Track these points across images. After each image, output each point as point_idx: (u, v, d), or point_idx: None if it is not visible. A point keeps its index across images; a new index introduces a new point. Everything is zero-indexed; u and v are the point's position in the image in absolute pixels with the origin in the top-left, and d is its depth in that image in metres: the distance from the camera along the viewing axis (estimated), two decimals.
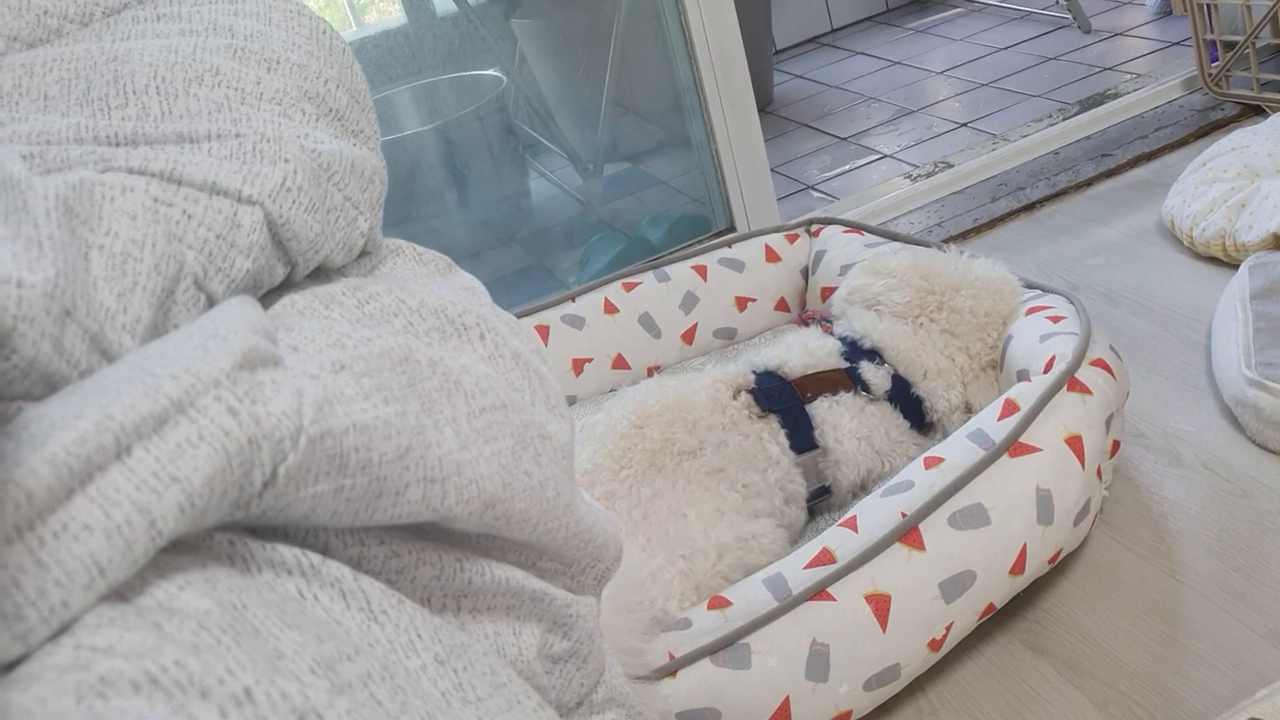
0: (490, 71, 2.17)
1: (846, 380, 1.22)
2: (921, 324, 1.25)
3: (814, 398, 1.20)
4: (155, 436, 0.36)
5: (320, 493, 0.42)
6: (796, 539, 1.19)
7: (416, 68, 2.11)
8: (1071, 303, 1.25)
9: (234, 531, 0.41)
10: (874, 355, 1.25)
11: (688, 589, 1.06)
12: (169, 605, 0.35)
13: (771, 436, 1.17)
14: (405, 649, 0.43)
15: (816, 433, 1.19)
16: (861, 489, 1.22)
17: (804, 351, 1.23)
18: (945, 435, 1.20)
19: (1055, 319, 1.21)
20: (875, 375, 1.23)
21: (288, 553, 0.42)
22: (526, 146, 2.28)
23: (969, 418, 1.20)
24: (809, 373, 1.22)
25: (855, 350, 1.25)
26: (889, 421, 1.22)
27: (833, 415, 1.19)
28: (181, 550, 0.39)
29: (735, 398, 1.18)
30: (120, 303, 0.44)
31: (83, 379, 0.40)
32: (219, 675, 0.33)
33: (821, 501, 1.23)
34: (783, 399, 1.19)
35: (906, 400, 1.24)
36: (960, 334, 1.25)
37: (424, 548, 0.49)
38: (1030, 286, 1.33)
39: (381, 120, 2.14)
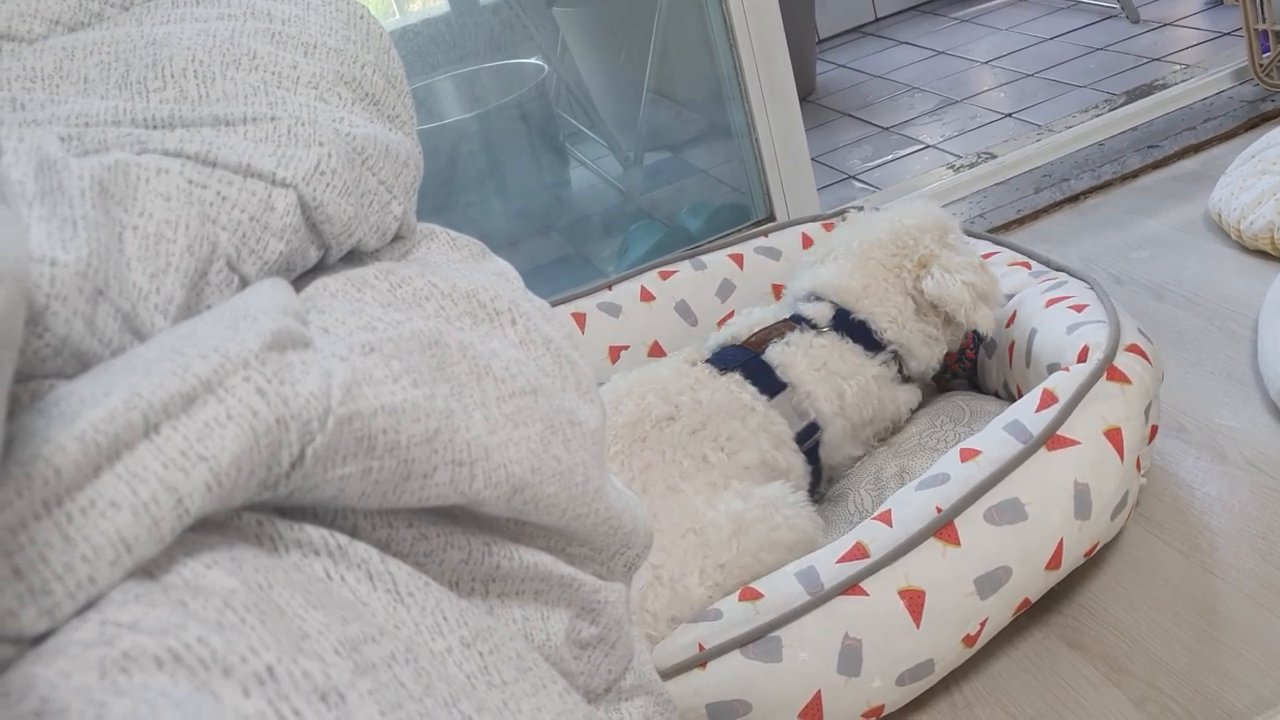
0: (532, 60, 2.17)
1: (792, 325, 1.27)
2: (836, 257, 1.32)
3: (766, 347, 1.24)
4: (183, 415, 0.37)
5: (348, 474, 0.42)
6: (814, 495, 1.23)
7: (458, 56, 2.11)
8: (1091, 287, 1.23)
9: (262, 511, 0.42)
10: (811, 297, 1.30)
11: (707, 565, 1.05)
12: (195, 583, 0.36)
13: (739, 386, 1.20)
14: (431, 631, 0.43)
15: (778, 372, 1.22)
16: (860, 428, 1.26)
17: (751, 320, 1.30)
18: (925, 373, 1.27)
19: (1078, 308, 1.20)
20: (815, 310, 1.28)
21: (315, 533, 0.42)
22: (567, 135, 2.28)
23: (934, 340, 1.26)
24: (757, 330, 1.27)
25: (796, 303, 1.31)
26: (840, 348, 1.25)
27: (786, 355, 1.23)
28: (209, 529, 0.39)
29: (694, 367, 1.23)
30: (153, 283, 0.45)
31: (114, 358, 0.40)
32: (242, 653, 0.33)
33: (836, 477, 1.26)
34: (738, 357, 1.23)
35: (851, 327, 1.27)
36: (875, 252, 1.30)
37: (452, 531, 0.50)
38: (1046, 265, 1.36)
39: (422, 108, 2.15)
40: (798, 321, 1.27)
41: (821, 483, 1.27)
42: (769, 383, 1.21)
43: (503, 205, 2.12)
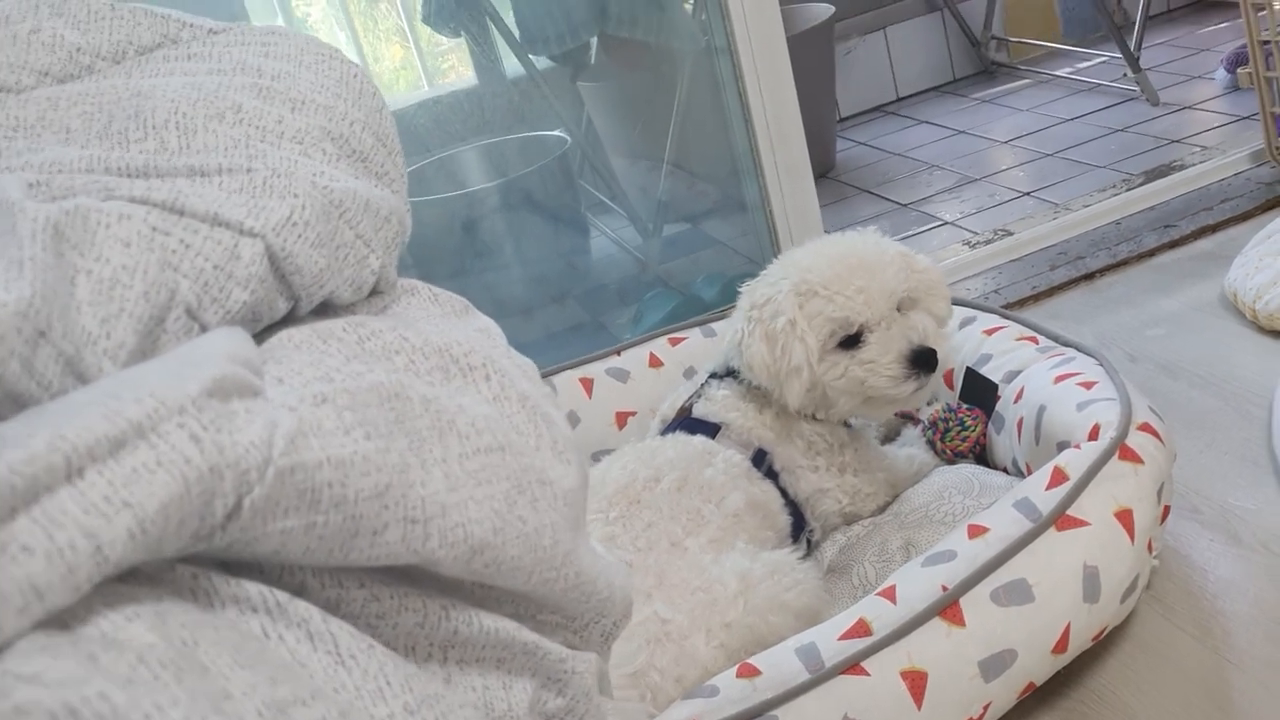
0: (555, 132, 2.19)
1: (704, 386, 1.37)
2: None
3: (688, 408, 1.34)
4: (110, 460, 0.35)
5: (290, 528, 0.40)
6: (804, 544, 1.27)
7: (484, 127, 2.13)
8: (1100, 364, 1.21)
9: (199, 565, 0.40)
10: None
11: (713, 623, 1.04)
12: (111, 636, 0.34)
13: (687, 440, 1.27)
14: (373, 696, 0.41)
15: (708, 419, 1.30)
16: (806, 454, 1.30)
17: (673, 399, 1.39)
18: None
19: (1087, 384, 1.18)
20: (715, 364, 1.37)
21: (254, 589, 0.41)
22: (588, 205, 2.29)
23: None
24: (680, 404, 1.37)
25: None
26: (738, 389, 1.32)
27: (706, 406, 1.32)
28: (140, 580, 0.38)
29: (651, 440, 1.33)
30: (103, 328, 0.44)
31: (52, 401, 0.39)
32: (146, 711, 0.31)
33: (828, 526, 1.30)
34: (675, 425, 1.33)
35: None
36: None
37: (408, 593, 0.48)
38: (1054, 340, 1.35)
39: (446, 177, 2.16)
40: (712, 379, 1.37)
41: (807, 527, 1.29)
42: (707, 429, 1.29)
43: (521, 272, 2.12)
